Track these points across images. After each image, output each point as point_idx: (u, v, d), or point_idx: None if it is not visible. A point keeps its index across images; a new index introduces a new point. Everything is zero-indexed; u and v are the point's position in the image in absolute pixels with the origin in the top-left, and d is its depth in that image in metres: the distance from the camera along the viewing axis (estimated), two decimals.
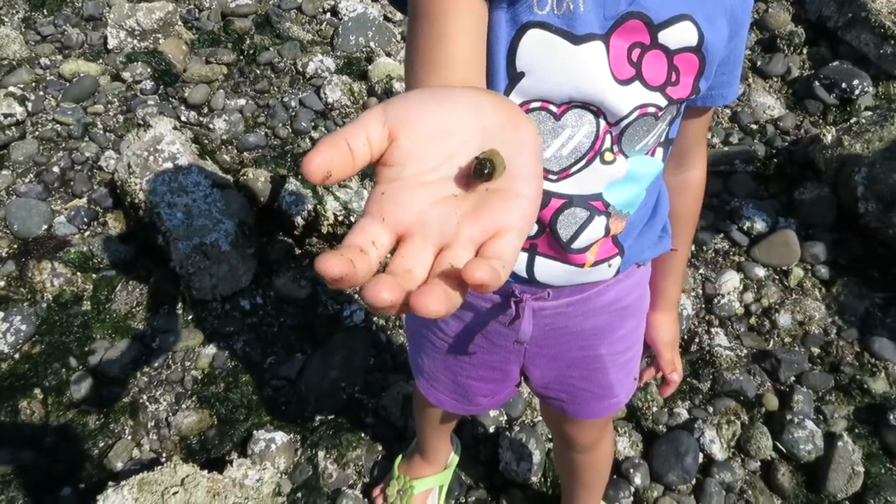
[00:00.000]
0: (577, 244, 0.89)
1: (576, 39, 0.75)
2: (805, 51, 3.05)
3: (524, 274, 0.93)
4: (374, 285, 0.37)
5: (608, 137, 0.83)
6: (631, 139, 0.84)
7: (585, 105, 0.79)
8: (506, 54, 0.77)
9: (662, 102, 0.82)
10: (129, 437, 1.81)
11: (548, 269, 0.92)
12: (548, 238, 0.89)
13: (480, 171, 0.42)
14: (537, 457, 1.74)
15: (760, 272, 2.25)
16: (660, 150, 0.89)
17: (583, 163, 0.84)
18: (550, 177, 0.85)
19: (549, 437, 1.81)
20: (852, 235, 2.32)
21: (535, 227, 0.88)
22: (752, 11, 0.88)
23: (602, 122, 0.81)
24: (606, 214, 0.88)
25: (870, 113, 2.69)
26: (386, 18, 3.04)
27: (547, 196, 0.86)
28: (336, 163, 0.40)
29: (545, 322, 1.01)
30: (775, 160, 2.58)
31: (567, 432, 1.26)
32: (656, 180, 0.92)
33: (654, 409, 1.92)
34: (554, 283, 0.94)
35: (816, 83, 2.80)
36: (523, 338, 0.99)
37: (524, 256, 0.91)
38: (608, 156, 0.84)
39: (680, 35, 0.78)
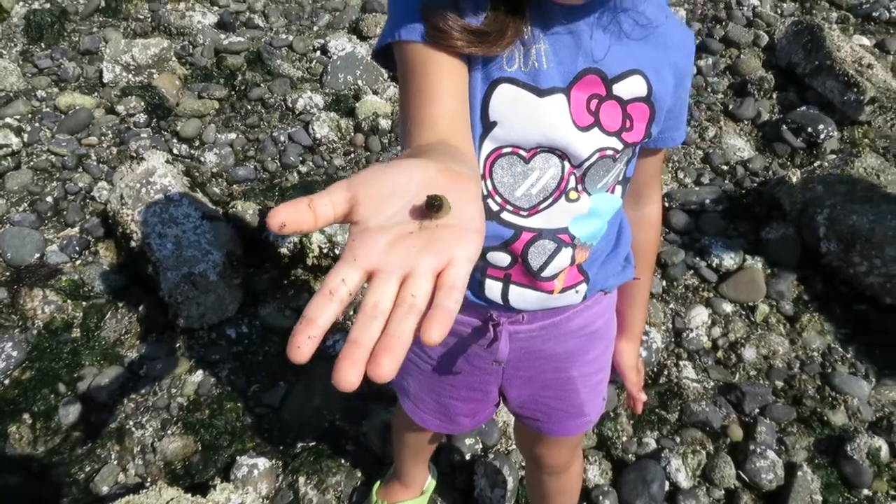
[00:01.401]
0: (546, 272, 0.99)
1: (540, 92, 0.87)
2: (775, 95, 3.20)
3: (500, 301, 1.02)
4: (338, 371, 0.44)
5: (573, 178, 0.94)
6: (593, 179, 0.95)
7: (552, 149, 0.90)
8: (480, 106, 0.88)
9: (619, 146, 0.93)
10: (115, 462, 1.86)
11: (521, 296, 1.02)
12: (520, 267, 0.99)
13: (431, 205, 0.51)
14: (511, 483, 1.81)
15: (728, 308, 2.35)
16: (619, 188, 1.01)
17: (550, 200, 0.95)
18: (521, 213, 0.96)
19: (523, 464, 1.88)
20: (815, 273, 2.43)
21: (509, 258, 0.98)
22: (693, 64, 1.00)
23: (567, 165, 0.92)
24: (572, 246, 0.99)
25: (834, 156, 2.82)
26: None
27: (518, 230, 0.96)
28: (292, 217, 0.48)
29: (521, 345, 1.10)
30: (744, 200, 2.70)
31: (540, 454, 1.34)
32: (616, 214, 1.04)
33: (624, 438, 2.00)
34: (528, 308, 1.04)
35: (784, 127, 2.93)
36: (501, 358, 1.08)
37: (499, 285, 1.01)
38: (573, 194, 0.95)
39: (632, 87, 0.90)
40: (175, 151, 2.68)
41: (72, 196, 2.49)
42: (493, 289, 1.02)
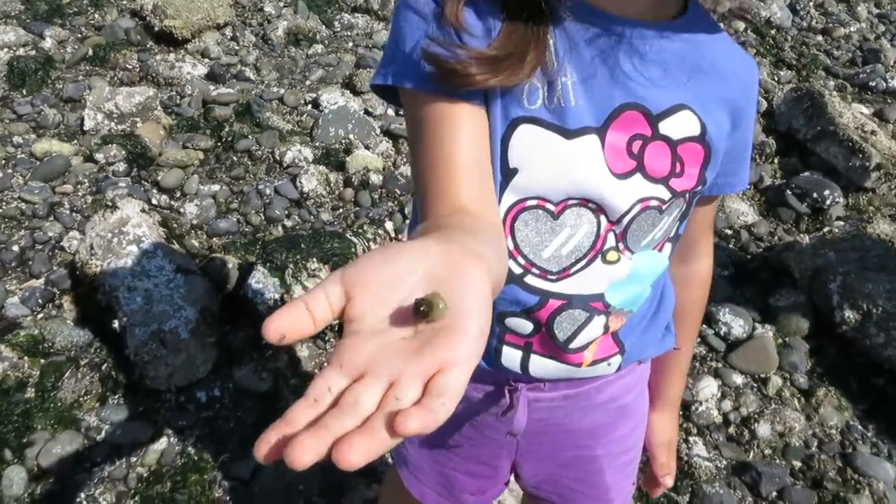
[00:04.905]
0: (574, 344, 0.85)
1: (568, 134, 0.73)
2: (776, 160, 3.13)
3: (518, 370, 0.88)
4: (292, 448, 0.39)
5: (611, 236, 0.80)
6: (636, 235, 0.81)
7: (584, 202, 0.77)
8: (500, 150, 0.75)
9: (666, 195, 0.79)
10: None
11: (543, 367, 0.88)
12: (543, 338, 0.85)
13: (417, 311, 0.46)
14: None
15: (738, 379, 2.19)
16: (667, 246, 0.86)
17: (583, 262, 0.81)
18: (549, 277, 0.82)
19: None
20: (829, 343, 2.29)
21: (531, 326, 0.84)
22: (756, 99, 0.86)
23: (603, 221, 0.79)
24: (606, 314, 0.84)
25: (842, 223, 2.72)
26: (366, 112, 3.07)
27: (545, 296, 0.82)
28: (292, 326, 0.45)
29: (540, 417, 0.95)
30: (750, 265, 2.58)
31: None
32: (661, 276, 0.89)
33: None
34: (551, 378, 0.89)
35: (788, 192, 2.84)
36: (517, 429, 0.93)
37: (518, 354, 0.87)
38: (611, 255, 0.81)
39: (681, 125, 0.76)
40: (154, 202, 2.54)
41: (40, 245, 2.34)
42: (510, 357, 0.88)
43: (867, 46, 4.02)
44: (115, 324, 1.98)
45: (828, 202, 2.77)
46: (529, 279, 0.81)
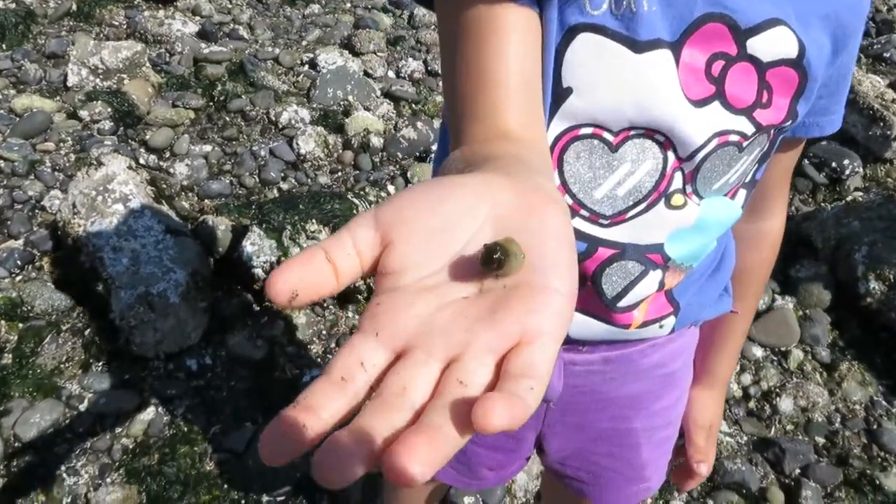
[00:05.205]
0: (623, 302, 0.73)
1: (637, 46, 0.61)
2: None
3: None
4: (326, 460, 0.28)
5: (678, 176, 0.68)
6: (708, 177, 0.68)
7: (650, 133, 0.65)
8: (552, 66, 0.62)
9: (748, 129, 0.66)
10: None
11: (586, 327, 0.76)
12: (588, 293, 0.72)
13: (489, 260, 0.34)
14: None
15: (758, 352, 2.09)
16: (741, 193, 0.74)
17: (643, 206, 0.69)
18: (601, 221, 0.69)
19: None
20: (851, 316, 2.19)
21: None
22: (864, 20, 0.71)
23: (671, 157, 0.66)
24: (664, 268, 0.72)
25: (860, 193, 2.62)
26: (366, 74, 2.93)
27: (594, 244, 0.70)
28: (307, 281, 0.33)
29: (575, 382, 0.83)
30: None
31: None
32: (729, 229, 0.77)
33: (648, 501, 1.71)
34: (590, 338, 0.77)
35: (806, 161, 2.73)
36: (551, 395, 0.81)
37: None
38: (677, 199, 0.69)
39: (774, 44, 0.63)
40: (142, 161, 2.40)
41: (19, 205, 2.20)
42: None
43: (880, 18, 3.90)
44: (100, 286, 1.85)
45: (847, 172, 2.66)
46: (577, 222, 0.69)
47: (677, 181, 0.68)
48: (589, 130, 0.65)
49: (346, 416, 0.31)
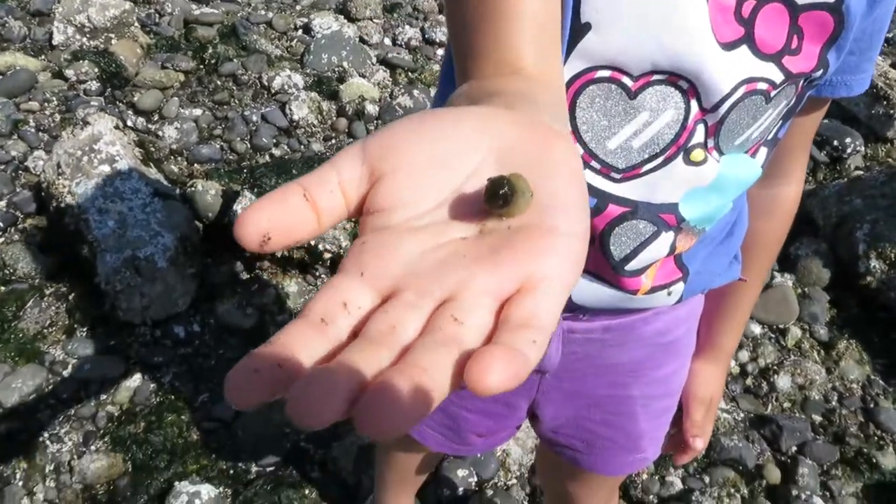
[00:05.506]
0: (631, 265, 0.68)
1: None
2: None
3: None
4: (300, 395, 0.24)
5: (700, 128, 0.62)
6: (731, 130, 0.63)
7: (673, 79, 0.59)
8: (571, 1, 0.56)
9: (777, 77, 0.61)
10: (21, 484, 1.49)
11: (591, 293, 0.71)
12: (594, 254, 0.67)
13: (495, 196, 0.31)
14: None
15: (756, 329, 2.06)
16: (763, 151, 0.68)
17: (659, 160, 0.63)
18: (613, 175, 0.64)
19: (525, 502, 1.56)
20: (849, 295, 2.16)
21: None
22: None
23: (694, 107, 0.61)
24: (676, 230, 0.67)
25: (860, 173, 2.58)
26: (361, 40, 2.85)
27: (604, 200, 0.65)
28: (281, 220, 0.29)
29: (572, 349, 0.79)
30: None
31: (570, 493, 1.01)
32: (745, 191, 0.72)
33: (645, 476, 1.69)
34: (597, 306, 0.73)
35: None
36: (548, 366, 0.76)
37: None
38: (697, 154, 0.63)
39: None
40: (129, 124, 2.33)
41: (1, 165, 2.13)
42: None
43: None
44: (85, 249, 1.79)
45: (848, 150, 2.62)
46: (586, 175, 0.64)
47: (699, 134, 0.63)
48: (606, 74, 0.60)
49: (324, 361, 0.27)
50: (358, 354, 0.26)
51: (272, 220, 0.29)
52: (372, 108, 2.53)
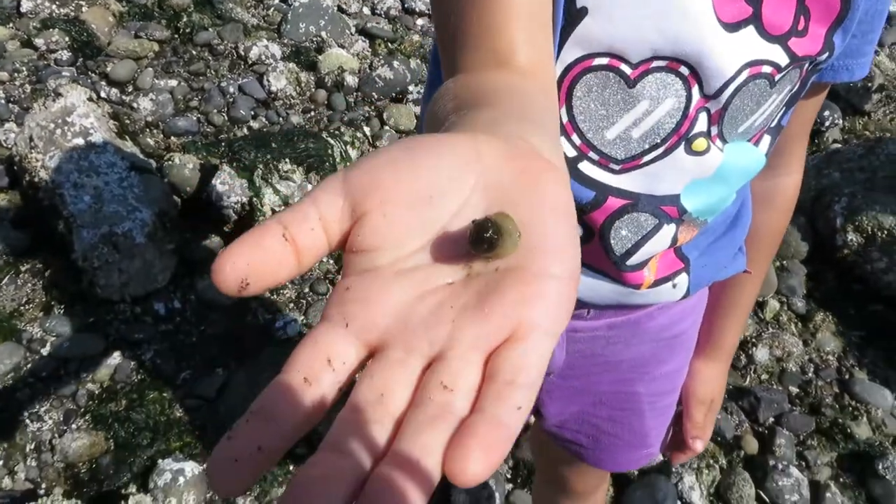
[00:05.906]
0: (632, 260, 0.67)
1: None
2: None
3: None
4: (300, 491, 0.24)
5: (702, 116, 0.61)
6: (735, 117, 0.61)
7: (673, 65, 0.57)
8: None
9: (783, 60, 0.59)
10: (0, 463, 1.47)
11: (593, 289, 0.70)
12: (595, 249, 0.66)
13: (479, 240, 0.29)
14: (498, 500, 1.50)
15: None
16: (766, 139, 0.67)
17: (660, 150, 0.62)
18: (612, 166, 0.62)
19: (508, 476, 1.57)
20: (827, 268, 2.20)
21: (581, 232, 0.65)
22: None
23: (695, 94, 0.59)
24: (678, 222, 0.66)
25: (838, 145, 2.61)
26: (340, 9, 2.80)
27: (604, 192, 0.63)
28: (261, 264, 0.28)
29: (577, 347, 0.78)
30: None
31: (567, 478, 1.02)
32: (749, 181, 0.70)
33: None
34: (599, 302, 0.72)
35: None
36: (552, 367, 0.75)
37: None
38: (699, 143, 0.62)
39: None
40: (103, 95, 2.27)
41: None
42: None
43: None
44: (60, 225, 1.76)
45: (827, 123, 2.64)
46: (585, 166, 0.62)
47: (701, 123, 0.61)
48: (604, 61, 0.58)
49: (312, 422, 0.27)
50: (349, 438, 0.26)
51: (251, 265, 0.28)
52: (351, 80, 2.49)
